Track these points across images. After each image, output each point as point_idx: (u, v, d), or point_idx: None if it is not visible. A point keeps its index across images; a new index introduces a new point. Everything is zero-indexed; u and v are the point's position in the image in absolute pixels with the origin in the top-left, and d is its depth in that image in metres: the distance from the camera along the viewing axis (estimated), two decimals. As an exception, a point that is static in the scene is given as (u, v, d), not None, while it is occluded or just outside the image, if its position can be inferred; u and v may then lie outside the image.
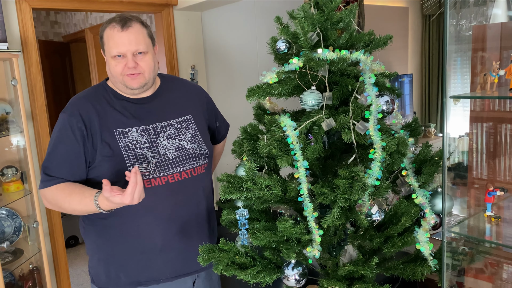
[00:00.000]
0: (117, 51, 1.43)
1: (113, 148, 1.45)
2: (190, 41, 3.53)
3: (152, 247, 1.51)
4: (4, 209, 2.54)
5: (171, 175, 1.50)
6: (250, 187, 1.23)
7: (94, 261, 1.59)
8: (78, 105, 1.50)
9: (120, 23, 1.43)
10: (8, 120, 2.55)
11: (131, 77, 1.46)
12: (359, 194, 1.12)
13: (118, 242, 1.51)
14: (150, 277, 1.53)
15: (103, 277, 1.56)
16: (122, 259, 1.52)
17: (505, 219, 1.20)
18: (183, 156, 1.53)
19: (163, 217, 1.50)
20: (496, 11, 1.30)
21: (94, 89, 1.57)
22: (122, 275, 1.53)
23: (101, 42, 1.49)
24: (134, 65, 1.44)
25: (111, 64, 1.46)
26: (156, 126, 1.54)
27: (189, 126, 1.60)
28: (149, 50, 1.48)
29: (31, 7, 2.72)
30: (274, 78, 1.26)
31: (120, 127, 1.48)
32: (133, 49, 1.43)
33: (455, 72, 1.66)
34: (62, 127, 1.47)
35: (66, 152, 1.46)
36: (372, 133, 1.15)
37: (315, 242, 1.19)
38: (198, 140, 1.60)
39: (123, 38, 1.42)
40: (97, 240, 1.55)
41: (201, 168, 1.58)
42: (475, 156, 1.31)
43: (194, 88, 1.74)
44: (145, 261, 1.51)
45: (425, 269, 1.21)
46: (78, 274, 3.92)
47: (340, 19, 1.24)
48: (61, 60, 5.21)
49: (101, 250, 1.55)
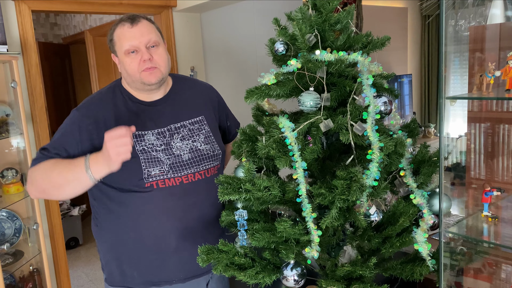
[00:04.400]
0: (130, 44, 1.43)
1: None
2: (189, 42, 3.54)
3: (166, 247, 1.50)
4: (4, 211, 2.55)
5: (185, 176, 1.50)
6: (249, 188, 1.23)
7: (107, 260, 1.59)
8: (94, 106, 1.49)
9: (129, 20, 1.44)
10: (8, 122, 2.55)
11: (148, 72, 1.45)
12: (357, 194, 1.12)
13: (132, 242, 1.51)
14: (163, 277, 1.52)
15: (117, 275, 1.56)
16: (136, 259, 1.52)
17: (503, 219, 1.20)
18: (197, 157, 1.53)
19: (176, 218, 1.49)
20: (494, 12, 1.31)
21: (111, 91, 1.55)
22: (136, 274, 1.53)
23: (111, 44, 1.49)
24: (149, 56, 1.43)
25: (126, 62, 1.45)
26: (171, 128, 1.54)
27: (202, 127, 1.60)
28: (161, 42, 1.48)
29: (31, 9, 2.72)
30: (272, 80, 1.27)
31: (136, 130, 1.48)
32: (146, 40, 1.43)
33: (454, 73, 1.66)
34: (72, 123, 1.47)
35: (66, 143, 1.44)
36: (370, 134, 1.16)
37: (314, 243, 1.19)
38: (211, 141, 1.60)
39: (134, 32, 1.43)
40: (110, 239, 1.55)
41: (214, 169, 1.58)
42: (473, 156, 1.31)
43: (205, 88, 1.74)
44: (159, 262, 1.51)
45: (424, 269, 1.22)
46: (78, 276, 3.92)
47: (338, 21, 1.24)
48: (60, 62, 5.21)
49: (115, 249, 1.55)
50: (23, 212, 2.68)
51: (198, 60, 3.61)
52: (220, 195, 1.28)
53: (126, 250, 1.52)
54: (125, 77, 1.51)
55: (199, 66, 3.61)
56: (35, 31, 4.61)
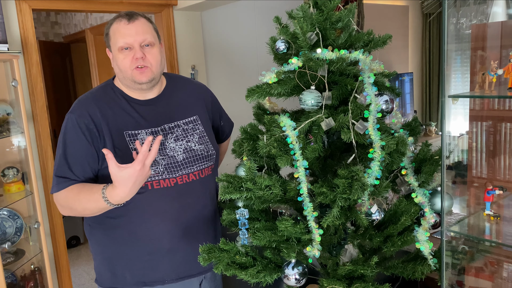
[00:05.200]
0: (124, 41, 1.42)
1: (123, 150, 1.44)
2: (190, 41, 3.53)
3: (159, 248, 1.50)
4: (5, 209, 2.55)
5: (180, 177, 1.49)
6: (250, 187, 1.23)
7: (98, 260, 1.58)
8: (86, 105, 1.48)
9: (127, 17, 1.43)
10: (9, 121, 2.55)
11: (139, 71, 1.44)
12: (358, 193, 1.12)
13: (125, 242, 1.50)
14: (156, 278, 1.52)
15: (109, 276, 1.55)
16: (128, 259, 1.51)
17: (505, 218, 1.20)
18: (191, 158, 1.53)
19: (171, 219, 1.49)
20: (495, 10, 1.30)
21: (102, 89, 1.54)
22: (128, 275, 1.52)
23: (107, 38, 1.48)
24: (142, 55, 1.43)
25: (119, 58, 1.44)
26: (165, 127, 1.53)
27: (196, 127, 1.59)
28: (156, 43, 1.47)
29: (31, 8, 2.72)
30: (273, 78, 1.26)
31: (129, 129, 1.47)
32: (140, 39, 1.42)
33: (455, 71, 1.66)
34: (71, 128, 1.45)
35: (76, 152, 1.43)
36: (372, 132, 1.16)
37: (315, 242, 1.19)
38: (205, 141, 1.59)
39: (130, 30, 1.42)
40: (103, 239, 1.54)
41: (208, 169, 1.58)
42: (475, 155, 1.31)
43: (199, 87, 1.73)
44: (152, 262, 1.51)
45: (425, 268, 1.22)
46: (79, 274, 3.92)
47: (339, 19, 1.24)
48: (61, 60, 5.21)
49: (107, 249, 1.54)
50: (24, 211, 2.68)
51: (199, 59, 3.60)
52: (221, 194, 1.28)
53: (119, 251, 1.51)
54: (117, 73, 1.50)
55: (200, 65, 3.61)
56: (36, 30, 4.61)
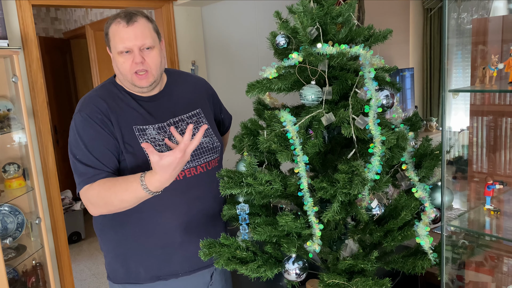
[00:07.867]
0: (123, 46, 1.41)
1: (133, 145, 1.44)
2: (190, 36, 3.53)
3: (172, 242, 1.51)
4: (6, 205, 2.56)
5: (188, 170, 1.50)
6: (250, 182, 1.24)
7: (111, 257, 1.59)
8: (95, 101, 1.47)
9: (126, 18, 1.41)
10: (10, 117, 2.55)
11: (139, 77, 1.44)
12: (359, 188, 1.12)
13: (138, 238, 1.51)
14: (170, 271, 1.53)
15: (122, 272, 1.56)
16: (141, 255, 1.52)
17: (505, 212, 1.20)
18: (198, 151, 1.53)
19: (182, 212, 1.50)
20: (496, 4, 1.30)
21: (105, 87, 1.54)
22: (142, 270, 1.53)
23: (107, 39, 1.48)
24: (141, 60, 1.42)
25: (119, 61, 1.44)
26: (170, 122, 1.54)
27: (200, 120, 1.60)
28: (156, 45, 1.47)
29: (31, 4, 2.72)
30: (273, 73, 1.26)
31: (138, 124, 1.47)
32: (140, 43, 1.42)
33: (456, 66, 1.65)
34: (86, 125, 1.43)
35: (100, 146, 1.41)
36: (372, 127, 1.16)
37: (316, 237, 1.19)
38: (210, 133, 1.60)
39: (129, 33, 1.41)
40: (115, 237, 1.54)
41: (215, 161, 1.59)
42: (475, 149, 1.31)
43: (199, 81, 1.74)
44: (165, 256, 1.52)
45: (425, 263, 1.22)
46: (81, 270, 3.94)
47: (340, 14, 1.24)
48: (61, 56, 5.21)
49: (120, 246, 1.54)
50: (25, 207, 2.69)
51: (199, 54, 3.60)
52: (222, 189, 1.28)
53: (131, 247, 1.52)
54: (118, 74, 1.50)
55: (200, 60, 3.60)
56: (36, 25, 4.60)
